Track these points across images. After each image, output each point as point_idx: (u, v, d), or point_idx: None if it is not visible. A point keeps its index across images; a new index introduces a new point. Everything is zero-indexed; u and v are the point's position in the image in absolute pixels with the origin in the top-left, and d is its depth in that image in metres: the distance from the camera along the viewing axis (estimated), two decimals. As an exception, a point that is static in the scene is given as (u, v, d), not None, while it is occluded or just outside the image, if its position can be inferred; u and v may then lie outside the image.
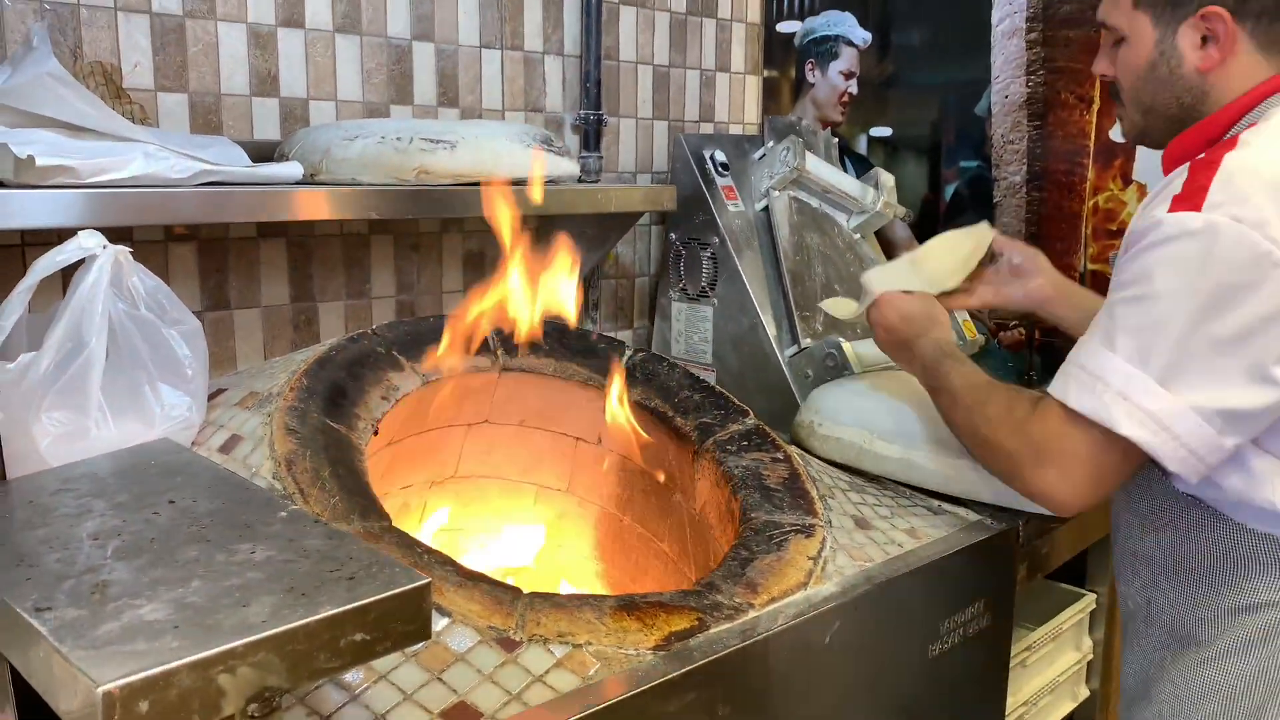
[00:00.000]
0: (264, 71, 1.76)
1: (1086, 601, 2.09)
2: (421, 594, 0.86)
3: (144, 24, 1.62)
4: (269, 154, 1.67)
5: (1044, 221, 2.24)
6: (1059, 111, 2.19)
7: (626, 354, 1.74)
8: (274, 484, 1.22)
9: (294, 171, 1.55)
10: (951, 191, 2.43)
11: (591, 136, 2.20)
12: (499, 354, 1.63)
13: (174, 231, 1.66)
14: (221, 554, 0.91)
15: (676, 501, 1.66)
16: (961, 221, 2.40)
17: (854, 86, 2.52)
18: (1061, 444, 1.21)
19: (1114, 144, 2.13)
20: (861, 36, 2.49)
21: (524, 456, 1.75)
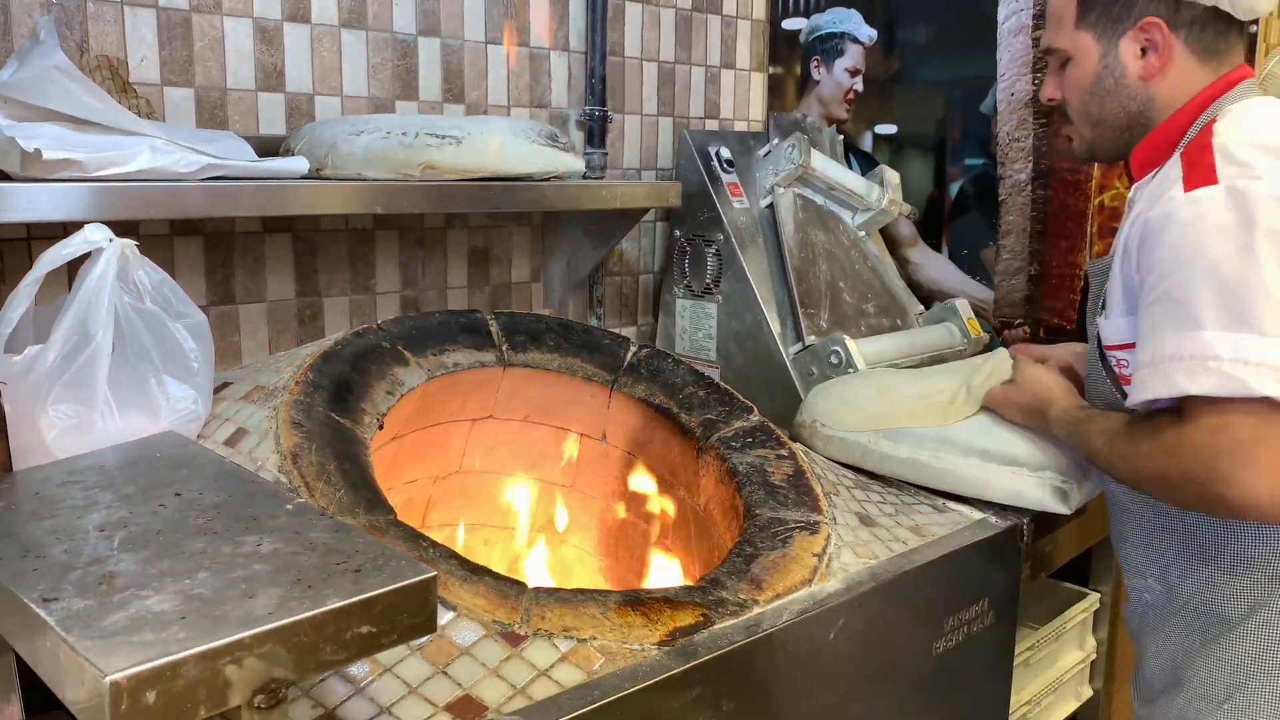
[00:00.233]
0: (270, 66, 1.76)
1: (1090, 601, 2.09)
2: (427, 587, 0.86)
3: (150, 18, 1.62)
4: (274, 149, 1.67)
5: (1049, 219, 2.24)
6: (1065, 109, 2.18)
7: (631, 350, 1.74)
8: (279, 477, 1.22)
9: (299, 166, 1.55)
10: (957, 189, 2.43)
11: (596, 133, 2.19)
12: (504, 349, 1.63)
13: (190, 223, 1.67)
14: (228, 546, 0.91)
15: (681, 498, 1.66)
16: (964, 219, 2.41)
17: (859, 84, 2.51)
18: (1224, 437, 1.13)
19: (1120, 142, 2.13)
20: (867, 33, 2.48)
21: (528, 452, 1.75)
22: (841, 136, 2.50)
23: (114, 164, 1.32)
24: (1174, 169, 1.25)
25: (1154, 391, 1.18)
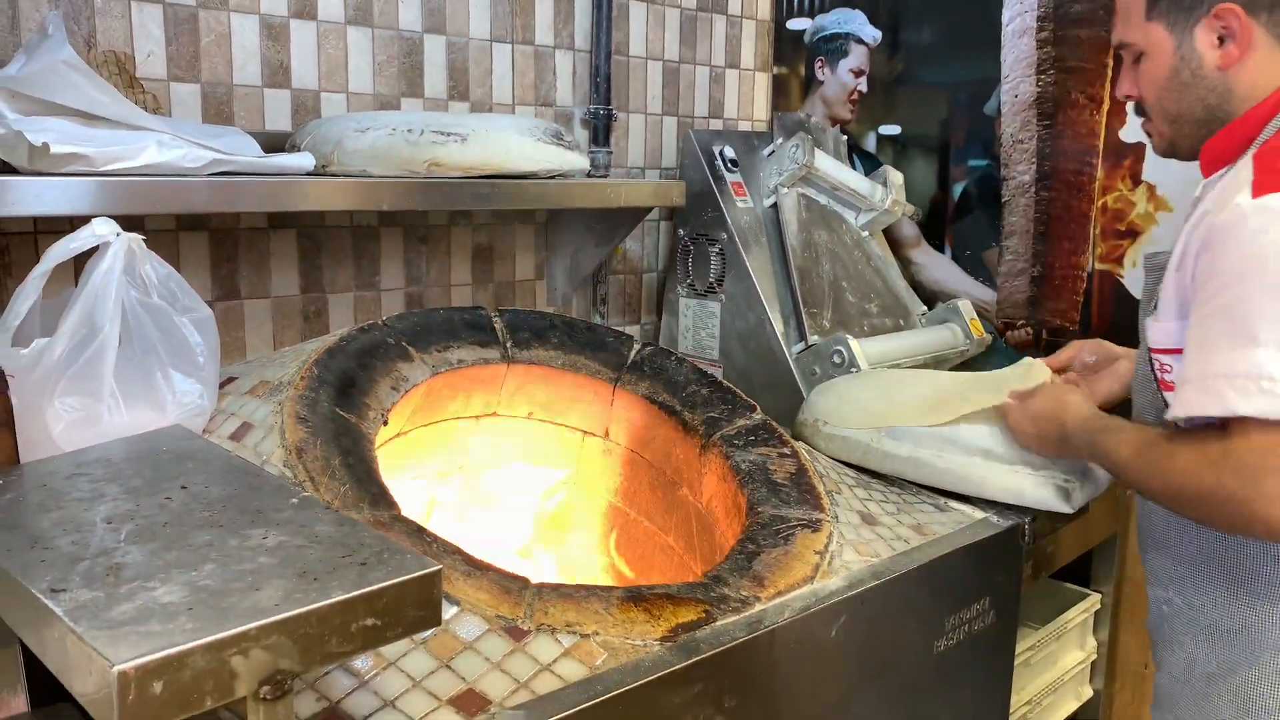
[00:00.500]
0: (276, 62, 1.76)
1: (1091, 601, 2.09)
2: (432, 580, 0.86)
3: (157, 14, 1.62)
4: (280, 145, 1.68)
5: (1052, 221, 2.24)
6: (1069, 111, 2.19)
7: (634, 348, 1.74)
8: (284, 471, 1.22)
9: (305, 162, 1.55)
10: (960, 190, 2.43)
11: (601, 131, 2.20)
12: (507, 346, 1.63)
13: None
14: (234, 539, 0.91)
15: (683, 495, 1.66)
16: (968, 220, 2.41)
17: (863, 84, 2.52)
18: (1275, 458, 1.08)
19: (1123, 144, 2.13)
20: (871, 34, 2.49)
21: (531, 449, 1.76)
22: (845, 137, 2.50)
23: (121, 159, 1.32)
24: (1245, 171, 1.18)
25: (1202, 409, 1.13)
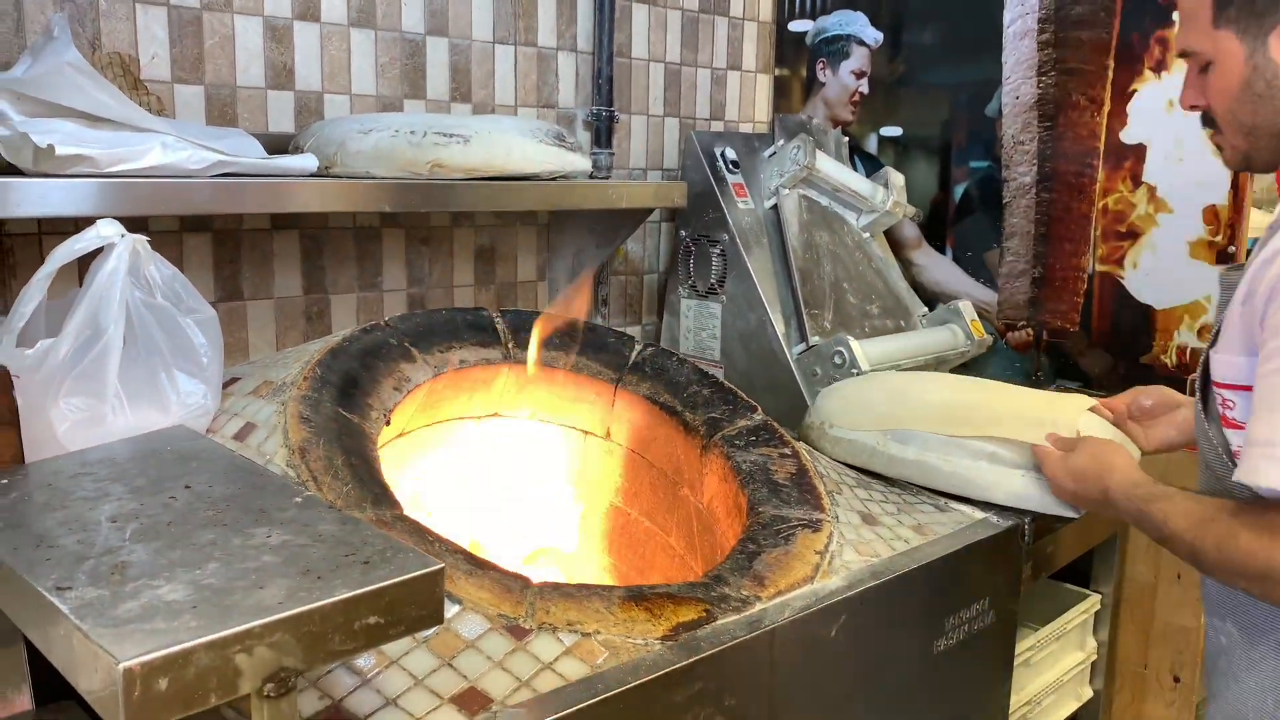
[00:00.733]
0: (279, 64, 1.77)
1: (1091, 602, 2.09)
2: (435, 579, 0.87)
3: (161, 16, 1.63)
4: (283, 146, 1.68)
5: (1053, 223, 2.25)
6: (1070, 113, 2.19)
7: (636, 349, 1.75)
8: (288, 471, 1.23)
9: (308, 164, 1.56)
10: (961, 192, 2.43)
11: (603, 133, 2.21)
12: (509, 347, 1.64)
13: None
14: (238, 538, 0.92)
15: (684, 496, 1.67)
16: (969, 221, 2.42)
17: (865, 86, 2.52)
18: None
19: (1124, 146, 2.14)
20: (873, 36, 2.50)
21: (533, 449, 1.76)
22: (846, 138, 2.51)
23: (126, 160, 1.33)
24: None
25: (1268, 480, 1.06)
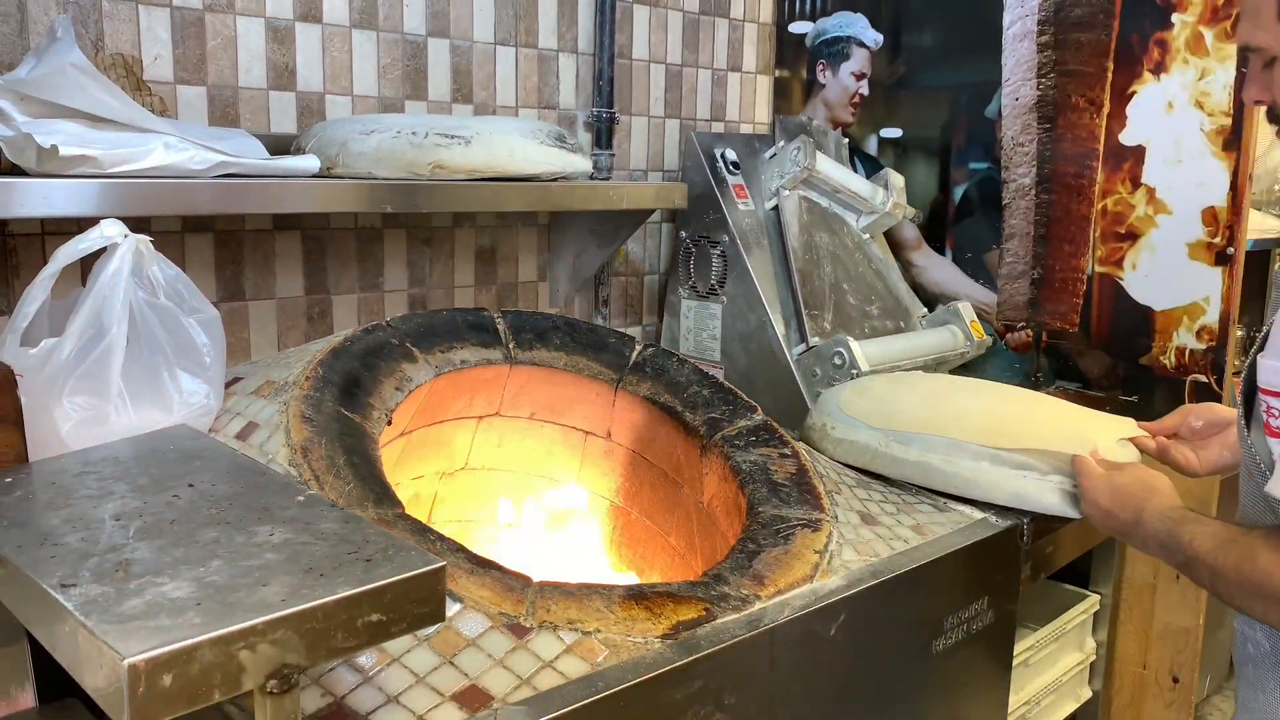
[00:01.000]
0: (281, 65, 1.78)
1: (1090, 603, 2.10)
2: (436, 577, 0.88)
3: (164, 17, 1.64)
4: (285, 147, 1.69)
5: (1053, 224, 2.25)
6: (1069, 114, 2.20)
7: (636, 349, 1.75)
8: (290, 470, 1.23)
9: (310, 164, 1.57)
10: (961, 193, 2.44)
11: (604, 134, 2.21)
12: (510, 347, 1.65)
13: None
14: (241, 535, 0.93)
15: (684, 495, 1.67)
16: (968, 223, 2.43)
17: (865, 87, 2.53)
18: None
19: (1123, 147, 2.15)
20: (873, 38, 2.50)
21: (534, 449, 1.77)
22: (846, 140, 2.51)
23: (129, 160, 1.34)
24: None
25: None
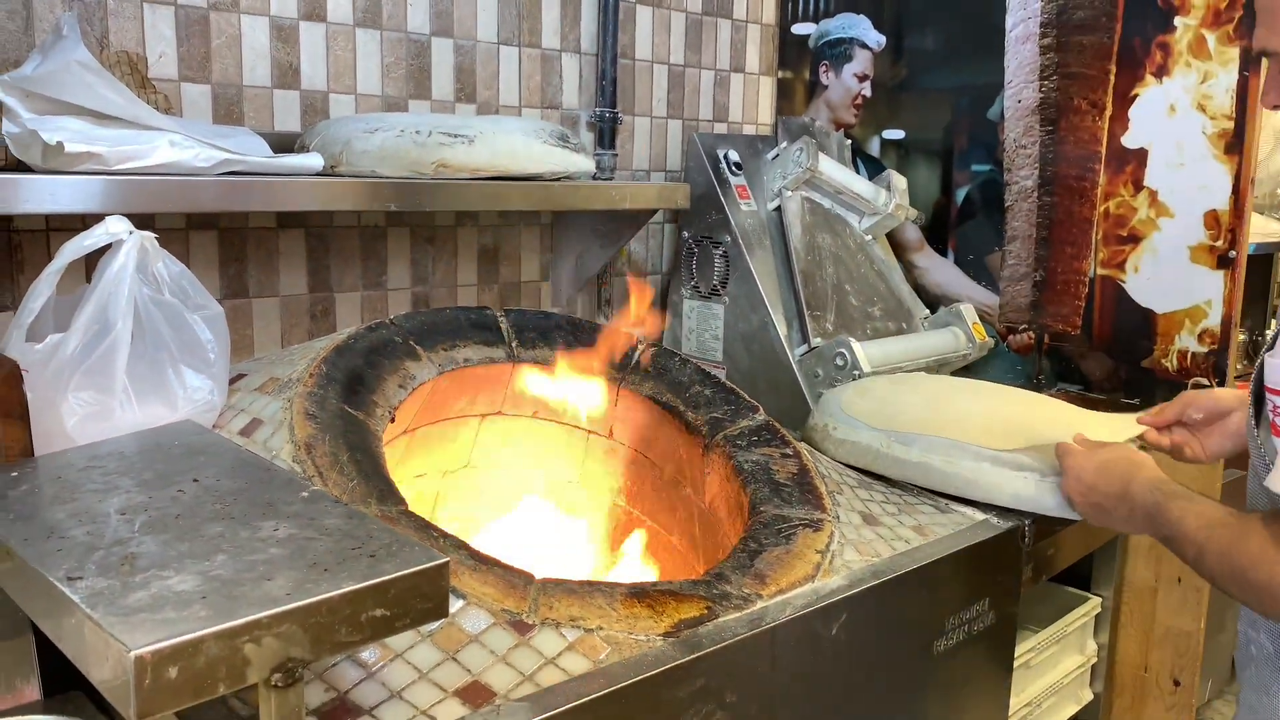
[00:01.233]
0: (285, 64, 1.78)
1: (1091, 605, 2.10)
2: (440, 572, 0.88)
3: (169, 15, 1.64)
4: (289, 145, 1.69)
5: (1055, 226, 2.26)
6: (1071, 117, 2.20)
7: (638, 348, 1.75)
8: (294, 467, 1.24)
9: (314, 163, 1.57)
10: (963, 195, 2.44)
11: (606, 134, 2.22)
12: (513, 346, 1.65)
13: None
14: (245, 530, 0.93)
15: (686, 495, 1.68)
16: (971, 224, 2.43)
17: (867, 89, 2.53)
18: None
19: (1125, 150, 2.15)
20: (876, 39, 2.51)
21: (536, 448, 1.77)
22: (849, 141, 2.52)
23: (134, 158, 1.34)
24: None
25: None
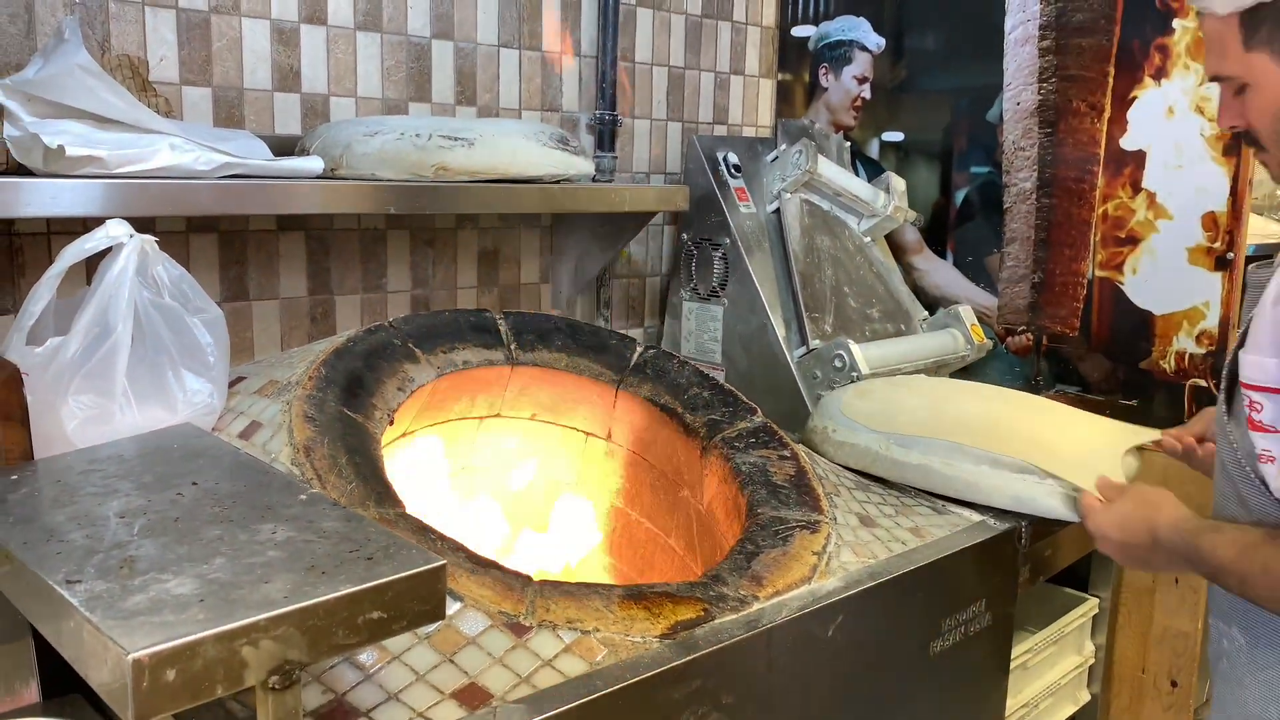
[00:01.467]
0: (286, 67, 1.79)
1: (1089, 606, 2.10)
2: (437, 575, 0.89)
3: (170, 19, 1.65)
4: (290, 148, 1.70)
5: (1054, 228, 2.26)
6: (1070, 119, 2.21)
7: (637, 351, 1.76)
8: (292, 470, 1.24)
9: (315, 166, 1.58)
10: (962, 197, 2.45)
11: (606, 136, 2.22)
12: (512, 348, 1.66)
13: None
14: (244, 533, 0.94)
15: (684, 497, 1.68)
16: (969, 226, 2.43)
17: (867, 91, 2.54)
18: None
19: (1124, 152, 2.15)
20: (875, 42, 2.51)
21: (534, 450, 1.78)
22: (848, 143, 2.52)
23: (135, 161, 1.35)
24: None
25: None
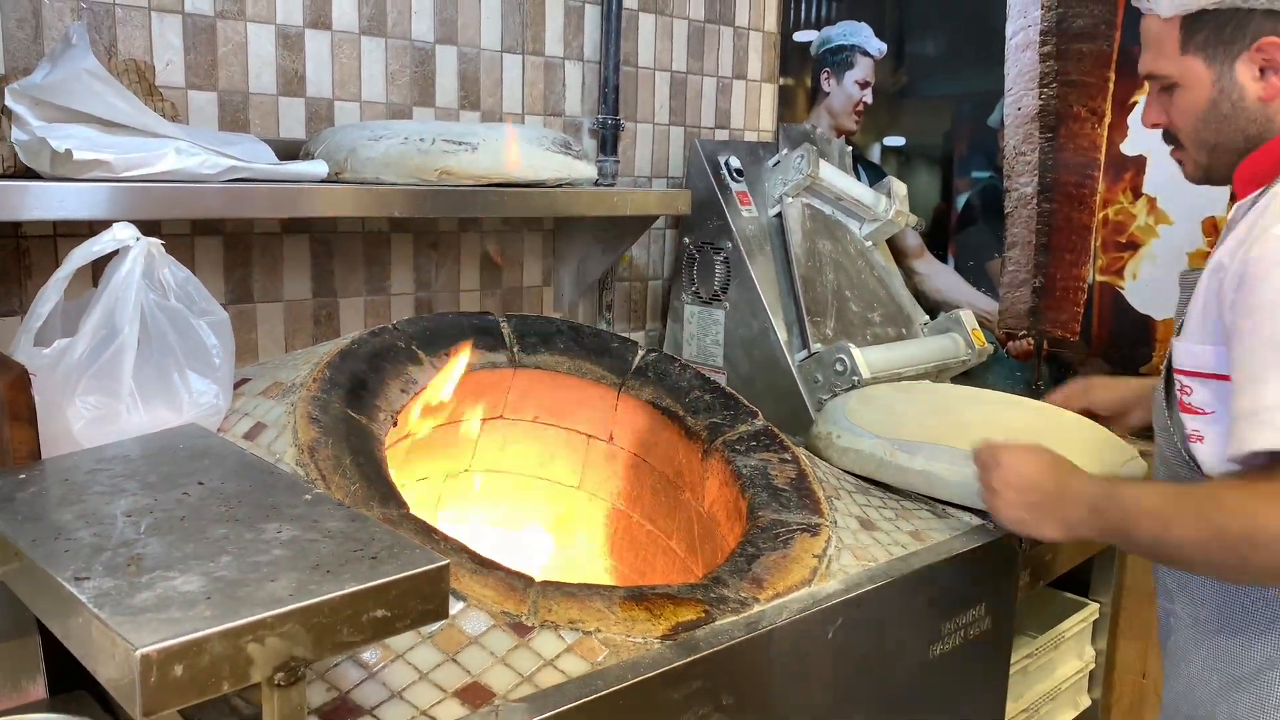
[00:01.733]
0: (291, 71, 1.80)
1: (1089, 611, 2.10)
2: (441, 574, 0.89)
3: (176, 24, 1.66)
4: (295, 152, 1.71)
5: (1054, 233, 2.27)
6: (1071, 124, 2.22)
7: (639, 354, 1.77)
8: (297, 470, 1.25)
9: (319, 170, 1.59)
10: (963, 201, 2.46)
11: (609, 141, 2.23)
12: (515, 351, 1.67)
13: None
14: (249, 532, 0.94)
15: (685, 499, 1.69)
16: (971, 231, 2.44)
17: (868, 96, 2.55)
18: None
19: (1125, 157, 2.16)
20: (877, 46, 2.52)
21: (537, 452, 1.79)
22: (850, 148, 2.53)
23: (141, 165, 1.36)
24: (1276, 200, 1.21)
25: (1265, 442, 1.12)
